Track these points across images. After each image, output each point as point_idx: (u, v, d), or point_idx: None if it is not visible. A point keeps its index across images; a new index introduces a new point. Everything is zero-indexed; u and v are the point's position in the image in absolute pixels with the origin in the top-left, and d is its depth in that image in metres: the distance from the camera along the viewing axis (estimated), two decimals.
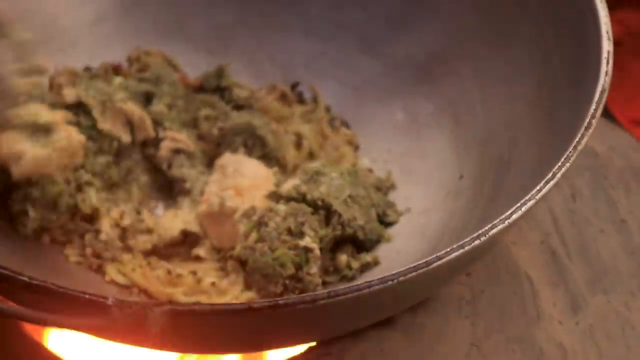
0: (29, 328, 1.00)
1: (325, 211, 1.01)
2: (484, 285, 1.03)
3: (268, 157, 1.11)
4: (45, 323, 0.72)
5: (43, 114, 0.97)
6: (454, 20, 1.14)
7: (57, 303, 0.70)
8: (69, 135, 0.98)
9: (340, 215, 1.00)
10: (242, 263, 1.00)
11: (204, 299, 0.98)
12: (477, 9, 1.12)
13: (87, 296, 0.69)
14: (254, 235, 0.98)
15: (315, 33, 1.25)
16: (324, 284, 1.00)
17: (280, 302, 0.68)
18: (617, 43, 0.92)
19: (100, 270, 1.01)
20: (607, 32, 0.89)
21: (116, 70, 1.17)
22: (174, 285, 0.99)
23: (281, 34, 1.25)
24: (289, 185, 1.03)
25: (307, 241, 0.98)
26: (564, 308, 1.03)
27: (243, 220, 1.01)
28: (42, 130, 0.96)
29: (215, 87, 1.18)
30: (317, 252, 0.98)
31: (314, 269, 0.97)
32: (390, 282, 0.70)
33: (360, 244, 1.03)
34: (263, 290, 0.98)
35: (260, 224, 0.99)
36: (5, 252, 0.95)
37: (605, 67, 0.86)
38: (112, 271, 1.00)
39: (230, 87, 1.18)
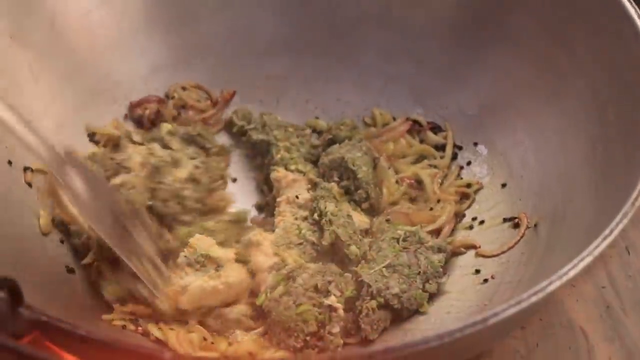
0: None
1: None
2: (538, 339, 1.02)
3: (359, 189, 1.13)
4: None
5: (216, 249, 1.01)
6: (506, 73, 1.15)
7: (114, 356, 0.70)
8: (239, 274, 1.01)
9: (369, 286, 1.00)
10: (266, 314, 1.00)
11: None
12: (530, 63, 1.12)
13: (144, 349, 0.69)
14: (280, 289, 0.99)
15: (366, 84, 1.26)
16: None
17: (337, 356, 0.68)
18: None
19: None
20: None
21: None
22: (205, 351, 0.98)
23: (332, 86, 1.26)
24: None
25: (332, 300, 0.98)
26: None
27: (272, 272, 1.02)
28: (211, 264, 1.00)
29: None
30: (341, 312, 0.98)
31: (336, 328, 0.97)
32: (447, 339, 0.70)
33: (396, 314, 1.01)
34: (282, 343, 0.97)
35: (289, 278, 1.00)
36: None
37: None
38: (152, 326, 1.00)
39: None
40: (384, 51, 1.27)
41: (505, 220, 1.08)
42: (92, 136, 1.19)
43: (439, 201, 1.15)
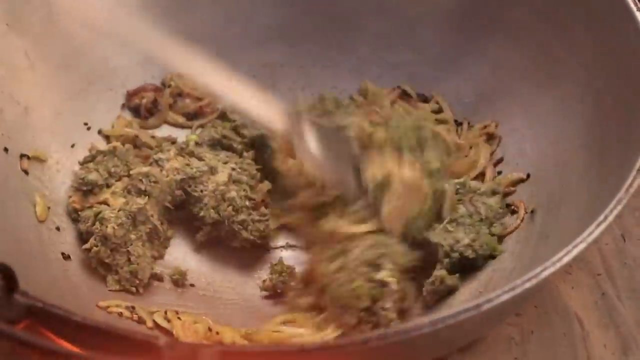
0: None
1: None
2: (533, 326, 1.02)
3: None
4: None
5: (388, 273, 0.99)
6: (503, 61, 1.15)
7: (108, 342, 0.71)
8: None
9: (441, 245, 1.01)
10: (322, 290, 1.00)
11: None
12: (526, 50, 1.12)
13: (139, 336, 0.69)
14: (334, 265, 0.99)
15: (364, 72, 1.26)
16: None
17: (332, 344, 0.69)
18: None
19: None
20: None
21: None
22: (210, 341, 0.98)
23: (329, 73, 1.26)
24: None
25: (383, 275, 0.98)
26: (615, 350, 1.01)
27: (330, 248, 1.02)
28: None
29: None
30: (394, 286, 0.98)
31: (389, 303, 0.97)
32: (440, 325, 0.70)
33: (471, 264, 1.01)
34: (338, 320, 0.97)
35: (343, 252, 1.00)
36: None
37: None
38: (158, 316, 1.00)
39: None
40: (382, 39, 1.27)
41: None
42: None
43: (470, 148, 1.16)
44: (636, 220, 1.15)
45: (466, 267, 1.01)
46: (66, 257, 1.03)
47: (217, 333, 0.98)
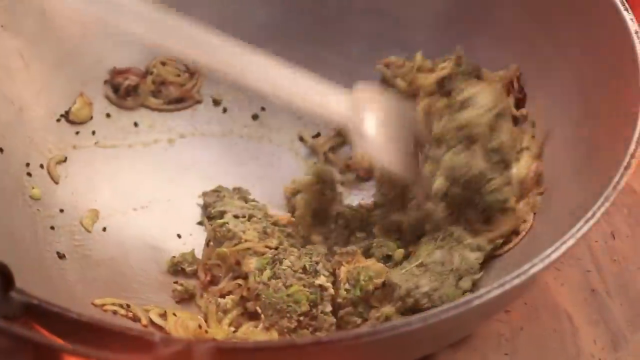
0: None
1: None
2: (523, 323, 1.03)
3: None
4: (92, 358, 0.73)
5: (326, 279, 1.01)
6: (493, 61, 1.15)
7: (104, 339, 0.72)
8: None
9: (399, 287, 0.97)
10: (256, 297, 1.01)
11: None
12: (515, 50, 1.13)
13: (133, 332, 0.70)
14: (267, 272, 1.00)
15: (355, 72, 1.26)
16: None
17: (324, 339, 0.69)
18: None
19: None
20: None
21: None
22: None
23: (321, 73, 1.26)
24: None
25: (322, 280, 0.99)
26: (604, 346, 1.03)
27: (255, 257, 1.03)
28: None
29: None
30: (332, 291, 0.99)
31: (329, 307, 0.98)
32: (431, 320, 0.71)
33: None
34: (276, 325, 0.98)
35: (275, 261, 1.01)
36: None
37: None
38: (153, 313, 1.01)
39: None
40: (373, 40, 1.27)
41: None
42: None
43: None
44: (624, 217, 1.16)
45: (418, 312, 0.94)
46: (61, 256, 1.04)
47: (207, 331, 1.00)
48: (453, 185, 1.00)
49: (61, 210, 1.10)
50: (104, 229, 1.12)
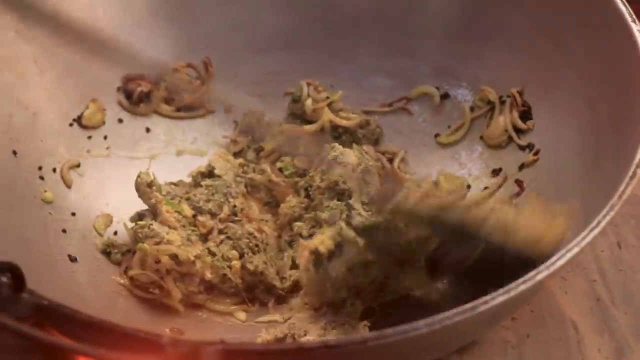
0: None
1: None
2: (529, 330, 1.03)
3: None
4: (102, 358, 0.74)
5: None
6: (500, 69, 1.17)
7: (113, 340, 0.72)
8: None
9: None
10: None
11: None
12: (523, 58, 1.15)
13: (142, 334, 0.71)
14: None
15: (364, 80, 1.28)
16: None
17: (331, 342, 0.70)
18: None
19: None
20: None
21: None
22: None
23: (331, 81, 1.27)
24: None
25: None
26: (609, 354, 1.03)
27: None
28: None
29: None
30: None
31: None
32: (437, 326, 0.72)
33: None
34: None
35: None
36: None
37: None
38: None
39: None
40: (382, 48, 1.29)
41: None
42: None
43: None
44: (631, 228, 1.16)
45: None
46: (73, 259, 1.05)
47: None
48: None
49: (73, 214, 1.11)
50: (115, 233, 1.13)
